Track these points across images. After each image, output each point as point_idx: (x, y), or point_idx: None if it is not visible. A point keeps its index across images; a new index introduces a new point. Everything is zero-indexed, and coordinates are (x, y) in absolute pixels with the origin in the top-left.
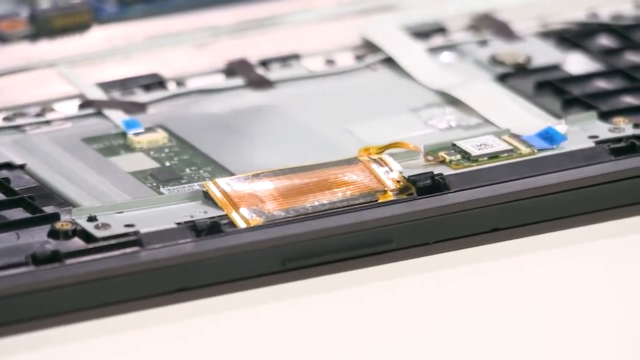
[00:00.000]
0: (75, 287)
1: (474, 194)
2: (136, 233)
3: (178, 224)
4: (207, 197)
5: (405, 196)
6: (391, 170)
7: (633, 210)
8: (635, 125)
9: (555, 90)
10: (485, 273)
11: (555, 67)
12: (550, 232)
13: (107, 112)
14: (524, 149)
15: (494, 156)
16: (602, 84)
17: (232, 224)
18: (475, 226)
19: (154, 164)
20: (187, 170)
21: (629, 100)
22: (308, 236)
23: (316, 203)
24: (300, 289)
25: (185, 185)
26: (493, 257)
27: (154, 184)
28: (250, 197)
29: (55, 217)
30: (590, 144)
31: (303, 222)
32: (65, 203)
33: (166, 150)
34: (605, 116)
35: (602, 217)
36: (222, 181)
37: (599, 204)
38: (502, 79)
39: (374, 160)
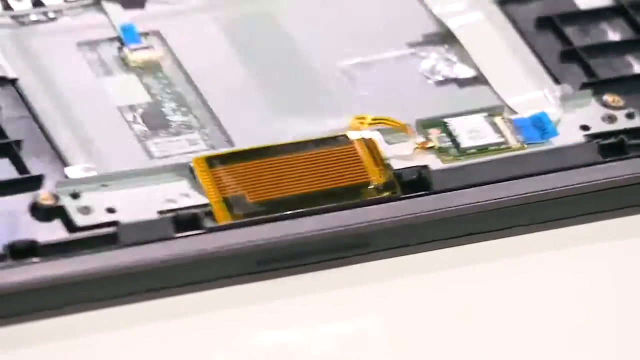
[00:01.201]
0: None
1: (456, 199)
2: (116, 224)
3: (160, 212)
4: (192, 173)
5: (389, 194)
6: (378, 157)
7: (618, 213)
8: (628, 115)
9: (556, 32)
10: (465, 276)
11: None
12: (531, 235)
13: (105, 4)
14: (513, 144)
15: (482, 149)
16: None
17: (212, 214)
18: (455, 229)
19: (145, 97)
20: (177, 113)
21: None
22: (283, 241)
23: (298, 193)
24: (273, 290)
25: (173, 139)
26: (473, 259)
27: (143, 132)
28: (234, 182)
29: (39, 179)
30: (581, 137)
31: (280, 223)
32: (54, 151)
33: (159, 76)
34: (601, 88)
35: (586, 220)
36: (209, 160)
37: (585, 208)
38: (504, 3)
39: (364, 141)
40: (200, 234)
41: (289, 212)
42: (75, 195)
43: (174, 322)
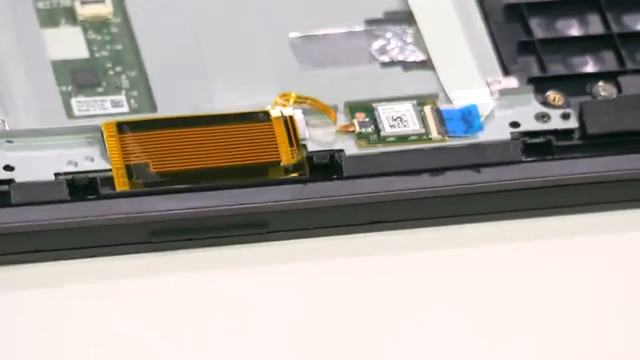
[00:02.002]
0: None
1: (361, 186)
2: (10, 183)
3: (57, 175)
4: (102, 136)
5: (295, 175)
6: (295, 137)
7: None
8: (564, 116)
9: (521, 21)
10: (361, 265)
11: None
12: (436, 229)
13: None
14: (434, 135)
15: (402, 138)
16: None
17: (112, 180)
18: (357, 217)
19: (84, 53)
20: (110, 72)
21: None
22: (178, 214)
23: (203, 167)
24: (164, 264)
25: (98, 99)
26: (373, 249)
27: (69, 89)
28: (140, 150)
29: None
30: (507, 135)
31: (178, 195)
32: None
33: (104, 32)
34: (547, 84)
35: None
36: (119, 126)
37: (496, 206)
38: None
39: (283, 120)
40: (93, 199)
41: (187, 186)
42: None
43: (56, 287)
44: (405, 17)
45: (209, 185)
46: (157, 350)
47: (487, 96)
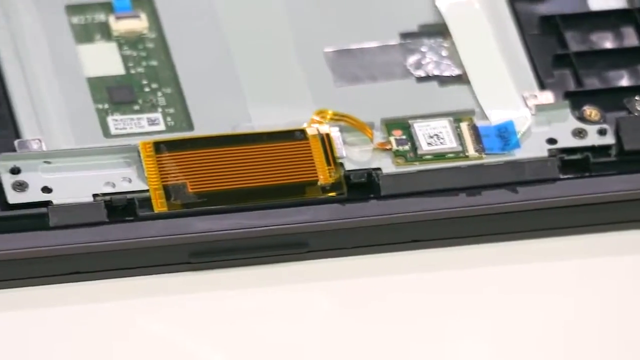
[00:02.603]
0: None
1: (399, 205)
2: (48, 205)
3: (95, 196)
4: (139, 156)
5: (334, 195)
6: (332, 155)
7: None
8: (600, 132)
9: (556, 34)
10: (400, 284)
11: None
12: (475, 248)
13: None
14: (471, 152)
15: (439, 155)
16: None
17: (150, 201)
18: (396, 236)
19: (119, 69)
20: (146, 89)
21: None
22: (217, 235)
23: (241, 187)
24: (204, 283)
25: (134, 117)
26: (413, 268)
27: (105, 107)
28: (177, 170)
29: None
30: (544, 152)
31: (216, 216)
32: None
33: (139, 47)
34: (584, 99)
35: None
36: (157, 145)
37: (536, 224)
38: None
39: (320, 138)
40: (132, 221)
41: (225, 206)
42: (14, 171)
43: (95, 307)
44: (440, 30)
45: (247, 205)
46: None
47: (524, 112)
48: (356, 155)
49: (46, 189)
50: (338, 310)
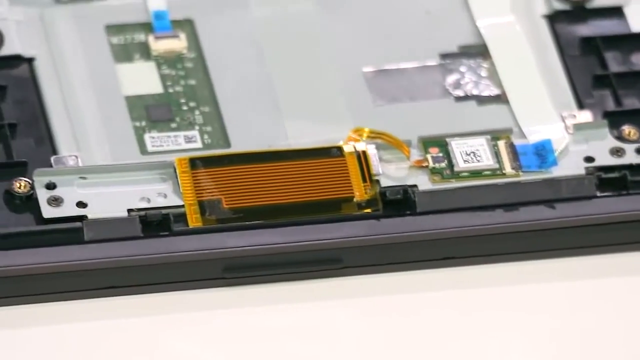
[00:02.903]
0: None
1: (435, 222)
2: (83, 219)
3: (130, 211)
4: (175, 172)
5: (369, 211)
6: (368, 172)
7: (607, 250)
8: (638, 150)
9: (596, 54)
10: (435, 301)
11: (617, 11)
12: (511, 265)
13: None
14: (508, 170)
15: (476, 173)
16: None
17: (185, 216)
18: (432, 253)
19: (157, 88)
20: (184, 107)
21: None
22: (251, 250)
23: (276, 203)
24: (238, 298)
25: (171, 134)
26: (446, 285)
27: (143, 125)
28: (213, 186)
29: (24, 165)
30: (581, 170)
31: (251, 231)
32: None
33: (178, 67)
34: (623, 119)
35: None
36: (193, 162)
37: (573, 242)
38: (553, 18)
39: (357, 155)
40: (166, 235)
41: (260, 222)
42: (50, 186)
43: (129, 321)
44: (480, 51)
45: (282, 221)
46: None
47: (562, 131)
48: (392, 173)
49: (81, 204)
50: (372, 327)
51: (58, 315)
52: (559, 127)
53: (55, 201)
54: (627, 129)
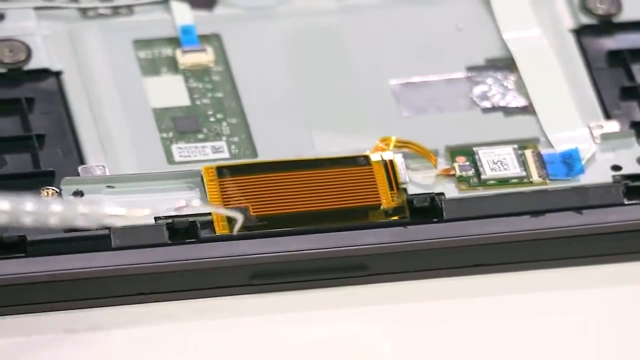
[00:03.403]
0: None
1: (463, 229)
2: (110, 227)
3: (157, 219)
4: (202, 180)
5: (396, 219)
6: (395, 180)
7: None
8: None
9: (623, 67)
10: (463, 308)
11: None
12: (540, 272)
13: (173, 3)
14: (535, 178)
15: (503, 181)
16: None
17: (211, 223)
18: (459, 260)
19: (185, 100)
20: (211, 119)
21: None
22: (279, 257)
23: (303, 211)
24: (265, 305)
25: (199, 145)
26: (474, 292)
27: (170, 136)
28: (240, 194)
29: (52, 175)
30: (608, 178)
31: (278, 238)
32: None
33: (205, 80)
34: None
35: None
36: (220, 170)
37: (600, 249)
38: (580, 32)
39: (384, 164)
40: (193, 242)
41: (287, 229)
42: (77, 194)
43: (156, 328)
44: (507, 64)
45: (308, 228)
46: None
47: (589, 140)
48: (419, 181)
49: None
50: (398, 335)
51: (85, 322)
52: (586, 137)
53: None
54: None
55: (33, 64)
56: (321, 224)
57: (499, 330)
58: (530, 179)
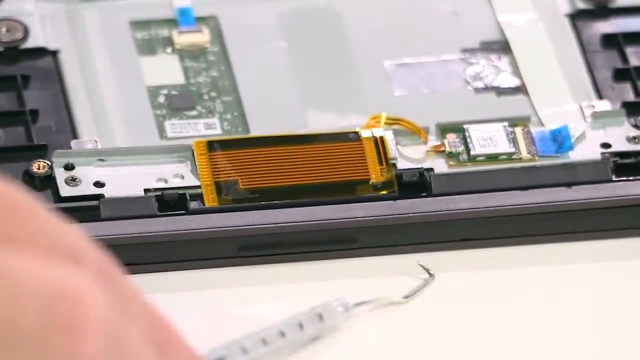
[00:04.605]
0: None
1: (450, 203)
2: (99, 198)
3: (146, 190)
4: (192, 155)
5: (384, 193)
6: (385, 155)
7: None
8: None
9: (617, 50)
10: (449, 282)
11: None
12: (526, 247)
13: None
14: (524, 154)
15: (492, 157)
16: None
17: (201, 197)
18: (446, 234)
19: (179, 78)
20: (205, 97)
21: None
22: (267, 229)
23: (292, 184)
24: (252, 277)
25: (191, 121)
26: (461, 267)
27: (163, 113)
28: (230, 168)
29: (44, 148)
30: (597, 155)
31: (266, 211)
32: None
33: (200, 60)
34: (638, 109)
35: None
36: (210, 144)
37: (587, 225)
38: (575, 17)
39: (374, 140)
40: (182, 214)
41: (276, 202)
42: (68, 167)
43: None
44: (502, 47)
45: (298, 201)
46: None
47: (580, 118)
48: (409, 157)
49: (98, 184)
50: (385, 307)
51: None
52: (577, 116)
53: (73, 181)
54: None
55: (30, 43)
56: (310, 197)
57: (485, 305)
58: (520, 156)
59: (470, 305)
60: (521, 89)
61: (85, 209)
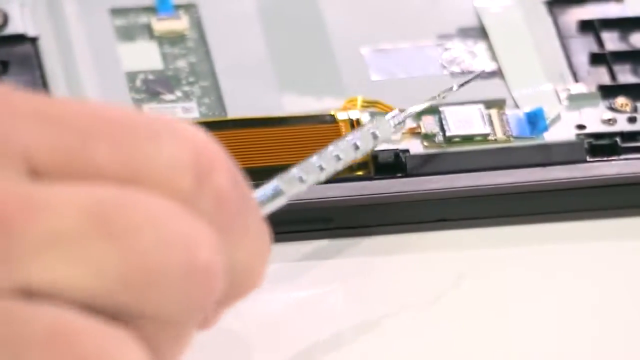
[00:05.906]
0: None
1: (425, 183)
2: None
3: None
4: None
5: (360, 174)
6: None
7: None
8: (630, 119)
9: (594, 35)
10: (425, 262)
11: None
12: (499, 228)
13: None
14: (499, 136)
15: (468, 138)
16: None
17: None
18: (420, 214)
19: (158, 64)
20: (183, 82)
21: None
22: None
23: (267, 165)
24: None
25: (169, 106)
26: (437, 247)
27: (141, 97)
28: None
29: None
30: (572, 136)
31: None
32: None
33: (179, 46)
34: (613, 92)
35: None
36: None
37: (561, 206)
38: (552, 4)
39: (350, 122)
40: None
41: (253, 182)
42: None
43: None
44: (478, 34)
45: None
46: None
47: (555, 101)
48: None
49: None
50: (360, 288)
51: None
52: (552, 98)
53: None
54: (619, 100)
55: (10, 30)
56: None
57: (463, 285)
58: (495, 137)
59: (447, 284)
60: (497, 74)
61: None
